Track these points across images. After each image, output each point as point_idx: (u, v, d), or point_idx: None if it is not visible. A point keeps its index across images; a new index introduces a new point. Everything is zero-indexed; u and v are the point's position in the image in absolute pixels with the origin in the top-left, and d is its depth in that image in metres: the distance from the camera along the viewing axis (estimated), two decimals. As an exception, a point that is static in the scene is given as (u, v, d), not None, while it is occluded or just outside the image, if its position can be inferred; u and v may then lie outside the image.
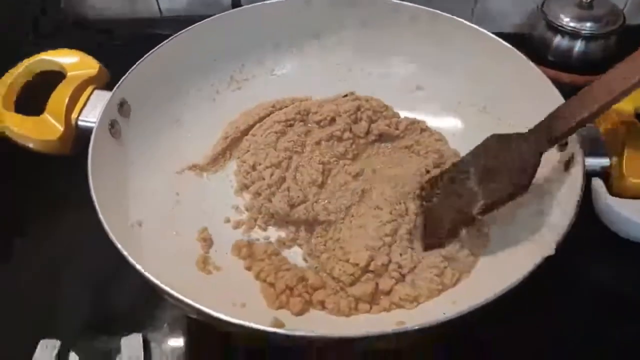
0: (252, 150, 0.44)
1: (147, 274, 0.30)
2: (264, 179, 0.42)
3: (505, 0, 0.62)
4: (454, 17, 0.46)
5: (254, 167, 0.43)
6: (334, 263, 0.37)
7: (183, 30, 0.45)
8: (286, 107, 0.47)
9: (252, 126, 0.46)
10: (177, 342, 0.38)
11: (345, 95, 0.47)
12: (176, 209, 0.41)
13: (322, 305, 0.36)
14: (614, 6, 0.59)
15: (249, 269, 0.38)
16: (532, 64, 0.41)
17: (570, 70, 0.55)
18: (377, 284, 0.36)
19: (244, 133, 0.46)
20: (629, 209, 0.41)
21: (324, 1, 0.48)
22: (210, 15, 0.47)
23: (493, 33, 0.61)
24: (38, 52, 0.42)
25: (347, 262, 0.37)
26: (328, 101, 0.47)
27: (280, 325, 0.33)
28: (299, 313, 0.35)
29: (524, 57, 0.42)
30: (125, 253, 0.31)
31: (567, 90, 0.53)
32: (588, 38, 0.57)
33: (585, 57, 0.57)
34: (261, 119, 0.46)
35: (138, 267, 0.30)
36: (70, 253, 0.42)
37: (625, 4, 0.62)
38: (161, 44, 0.43)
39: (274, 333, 0.28)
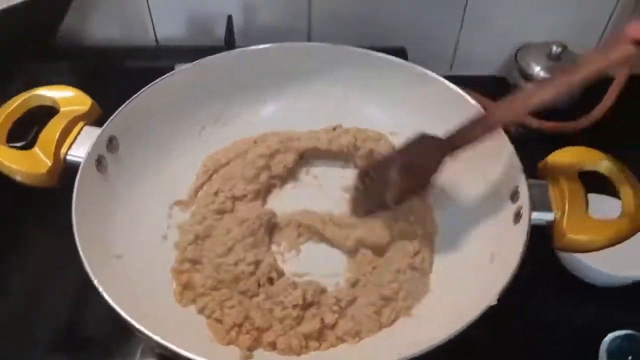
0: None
1: (118, 309, 0.31)
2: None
3: (484, 46, 0.66)
4: (422, 69, 0.49)
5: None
6: (274, 306, 0.39)
7: (174, 71, 0.47)
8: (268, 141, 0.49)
9: (230, 160, 0.48)
10: None
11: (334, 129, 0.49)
12: (160, 243, 0.43)
13: (273, 346, 0.37)
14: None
15: (193, 301, 0.40)
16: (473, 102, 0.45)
17: (539, 117, 0.58)
18: (322, 319, 0.38)
19: (223, 166, 0.48)
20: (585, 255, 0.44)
21: (312, 48, 0.51)
22: (204, 46, 0.49)
23: (473, 76, 0.65)
24: (34, 83, 0.44)
25: (285, 308, 0.38)
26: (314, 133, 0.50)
27: None
28: (250, 349, 0.37)
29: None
30: (100, 288, 0.32)
31: (536, 134, 0.57)
32: None
33: (554, 105, 0.61)
34: (241, 154, 0.48)
35: (110, 301, 0.31)
36: (45, 280, 0.44)
37: (594, 57, 0.66)
38: (151, 83, 0.45)
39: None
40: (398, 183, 0.41)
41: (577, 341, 0.43)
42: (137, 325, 0.31)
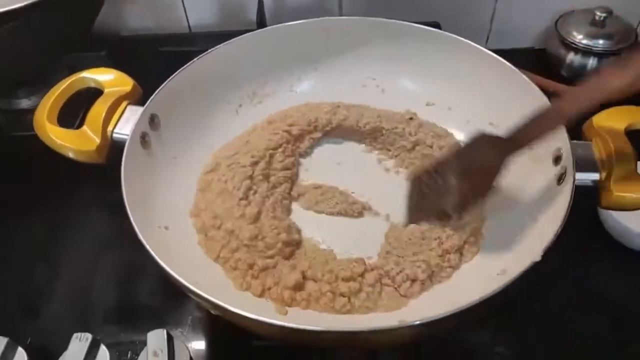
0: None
1: (172, 273, 0.32)
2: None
3: (522, 17, 0.64)
4: (463, 39, 0.48)
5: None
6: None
7: (209, 50, 0.48)
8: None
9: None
10: (199, 338, 0.41)
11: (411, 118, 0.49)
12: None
13: (308, 301, 0.38)
14: (626, 24, 0.60)
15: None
16: (533, 85, 0.43)
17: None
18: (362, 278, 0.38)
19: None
20: (628, 219, 0.43)
21: (344, 23, 0.51)
22: (236, 30, 0.50)
23: (509, 49, 0.63)
24: (79, 70, 0.46)
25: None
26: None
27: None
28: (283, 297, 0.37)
29: (525, 78, 0.44)
30: (152, 253, 0.33)
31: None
32: (600, 55, 0.59)
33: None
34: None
35: (164, 265, 0.33)
36: (101, 253, 0.46)
37: (639, 22, 0.63)
38: (189, 63, 0.46)
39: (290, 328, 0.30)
40: (457, 188, 0.37)
41: (617, 308, 0.42)
42: (193, 288, 0.32)
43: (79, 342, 0.38)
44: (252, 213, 0.41)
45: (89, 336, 0.38)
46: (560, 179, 0.38)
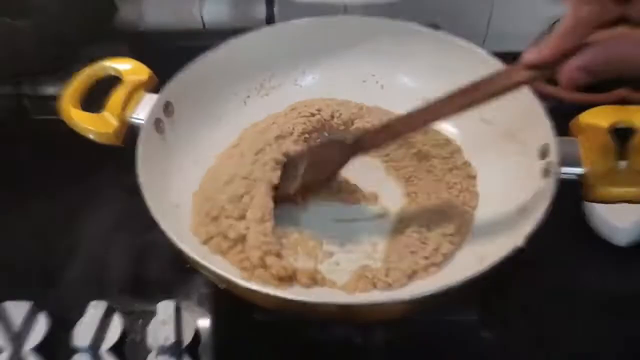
0: None
1: (183, 247, 0.35)
2: None
3: (518, 21, 0.65)
4: (461, 40, 0.51)
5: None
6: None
7: (222, 44, 0.51)
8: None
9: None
10: (205, 312, 0.43)
11: None
12: None
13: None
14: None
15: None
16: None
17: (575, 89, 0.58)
18: None
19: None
20: (611, 214, 0.45)
21: (348, 21, 0.55)
22: (246, 28, 0.53)
23: (505, 52, 0.65)
24: (99, 58, 0.49)
25: None
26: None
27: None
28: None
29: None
30: (164, 228, 0.36)
31: (568, 107, 0.57)
32: None
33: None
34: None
35: (175, 240, 0.35)
36: (118, 230, 0.49)
37: (633, 28, 0.65)
38: (202, 54, 0.50)
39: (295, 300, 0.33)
40: (301, 176, 0.44)
41: (598, 303, 0.44)
42: (202, 261, 0.34)
43: (95, 310, 0.40)
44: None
45: (104, 304, 0.41)
46: (546, 172, 0.40)
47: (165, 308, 0.40)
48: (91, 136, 0.45)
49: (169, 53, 0.64)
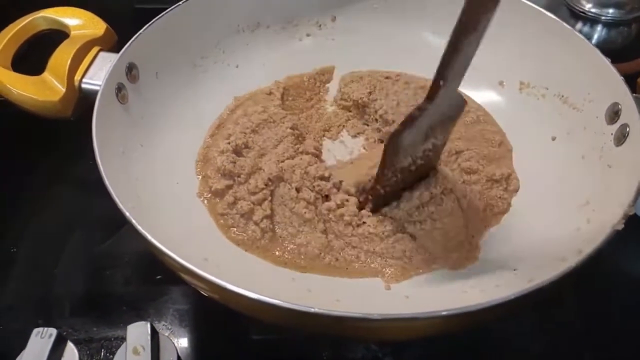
0: None
1: (144, 232, 0.28)
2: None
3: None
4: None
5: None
6: None
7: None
8: None
9: None
10: (185, 333, 0.36)
11: None
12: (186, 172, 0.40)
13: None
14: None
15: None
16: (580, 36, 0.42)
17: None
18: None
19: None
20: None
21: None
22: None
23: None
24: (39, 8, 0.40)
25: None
26: None
27: None
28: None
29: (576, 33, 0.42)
30: (140, 229, 0.29)
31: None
32: (609, 24, 0.57)
33: (605, 44, 0.57)
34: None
35: (138, 227, 0.28)
36: (67, 233, 0.41)
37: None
38: (169, 8, 0.42)
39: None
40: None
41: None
42: (163, 248, 0.28)
43: (41, 339, 0.34)
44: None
45: (53, 331, 0.34)
46: (622, 137, 0.35)
47: (137, 332, 0.34)
48: (29, 106, 0.36)
49: (129, 13, 0.58)
